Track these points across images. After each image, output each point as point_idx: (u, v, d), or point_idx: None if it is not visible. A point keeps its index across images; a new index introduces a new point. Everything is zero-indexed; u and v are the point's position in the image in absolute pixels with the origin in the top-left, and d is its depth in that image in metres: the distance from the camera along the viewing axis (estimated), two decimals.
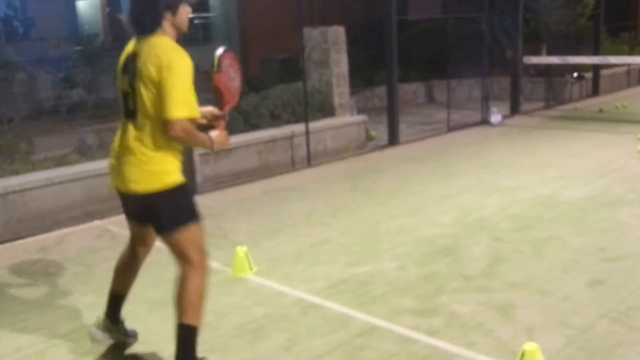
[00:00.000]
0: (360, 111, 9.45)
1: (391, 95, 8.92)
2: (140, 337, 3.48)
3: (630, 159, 7.46)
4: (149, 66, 2.79)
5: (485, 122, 10.49)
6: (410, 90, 13.30)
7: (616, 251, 4.57)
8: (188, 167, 6.64)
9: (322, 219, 5.65)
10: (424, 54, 11.80)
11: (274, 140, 7.64)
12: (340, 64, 8.64)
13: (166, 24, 2.91)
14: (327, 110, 8.58)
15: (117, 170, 2.99)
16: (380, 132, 9.20)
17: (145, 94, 2.82)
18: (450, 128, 10.00)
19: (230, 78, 3.13)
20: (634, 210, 5.51)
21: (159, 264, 3.96)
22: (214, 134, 3.04)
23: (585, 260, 4.45)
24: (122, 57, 3.00)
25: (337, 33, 8.58)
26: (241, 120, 7.89)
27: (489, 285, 4.07)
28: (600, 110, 11.45)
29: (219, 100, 3.11)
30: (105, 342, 3.40)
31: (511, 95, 11.61)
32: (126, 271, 3.33)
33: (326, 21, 8.91)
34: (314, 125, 7.98)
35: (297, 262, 4.62)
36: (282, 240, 5.12)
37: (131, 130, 2.92)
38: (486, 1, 10.60)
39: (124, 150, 2.95)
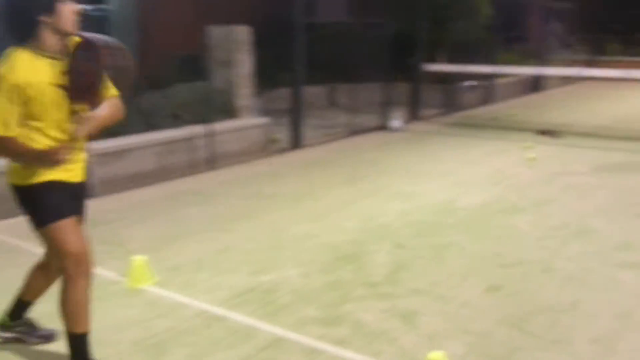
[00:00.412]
0: (263, 113, 9.34)
1: (296, 98, 8.88)
2: None
3: (521, 167, 7.80)
4: None
5: (386, 126, 10.69)
6: (313, 93, 13.28)
7: (512, 257, 4.74)
8: None
9: (224, 225, 5.51)
10: (327, 57, 11.85)
11: (173, 142, 7.38)
12: (244, 65, 8.50)
13: (45, 30, 2.67)
14: (230, 111, 8.41)
15: None
16: (284, 134, 9.14)
17: None
18: (353, 132, 10.10)
19: (80, 72, 2.72)
20: (526, 217, 5.76)
21: None
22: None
23: (482, 266, 4.58)
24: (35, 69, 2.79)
25: (243, 32, 8.43)
26: (139, 119, 7.57)
27: (392, 292, 4.10)
28: (494, 118, 11.96)
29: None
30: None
31: (411, 101, 11.90)
32: (37, 278, 3.21)
33: (230, 19, 8.71)
34: (216, 126, 7.80)
35: (199, 270, 4.46)
36: (183, 248, 4.93)
37: None
38: (390, 8, 10.80)
39: None
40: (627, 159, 8.25)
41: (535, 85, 16.74)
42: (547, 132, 10.02)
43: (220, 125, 7.95)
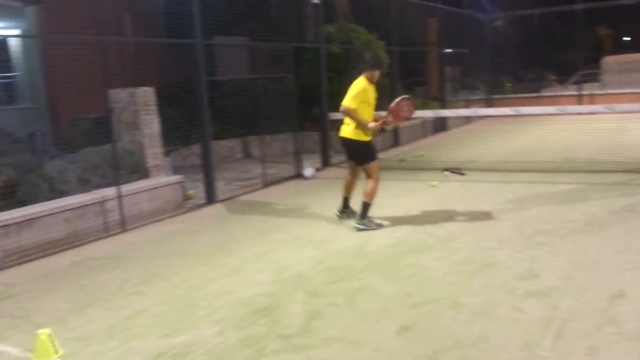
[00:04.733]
0: (178, 170, 9.32)
1: (206, 153, 8.92)
2: None
3: (428, 205, 8.08)
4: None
5: (299, 175, 10.86)
6: (228, 146, 13.41)
7: (421, 296, 4.87)
8: None
9: (136, 288, 5.42)
10: (238, 111, 12.02)
11: (83, 206, 7.24)
12: (151, 125, 8.49)
13: (368, 75, 7.02)
14: (140, 172, 8.35)
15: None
16: (199, 190, 9.13)
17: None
18: (267, 183, 10.20)
19: (401, 109, 7.10)
20: (434, 254, 5.95)
21: None
22: (371, 124, 6.90)
23: (394, 307, 4.68)
24: (368, 88, 7.00)
25: (147, 94, 8.45)
26: (46, 187, 7.40)
27: (306, 343, 4.14)
28: (401, 160, 12.35)
29: (389, 114, 7.02)
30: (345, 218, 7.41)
31: (321, 149, 12.17)
32: (350, 186, 7.45)
33: (139, 81, 8.75)
34: (127, 188, 7.72)
35: (109, 338, 4.36)
36: (93, 316, 4.81)
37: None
38: (292, 62, 11.11)
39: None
40: (526, 191, 8.70)
41: (440, 125, 17.46)
42: (452, 170, 10.45)
43: (131, 186, 7.88)
